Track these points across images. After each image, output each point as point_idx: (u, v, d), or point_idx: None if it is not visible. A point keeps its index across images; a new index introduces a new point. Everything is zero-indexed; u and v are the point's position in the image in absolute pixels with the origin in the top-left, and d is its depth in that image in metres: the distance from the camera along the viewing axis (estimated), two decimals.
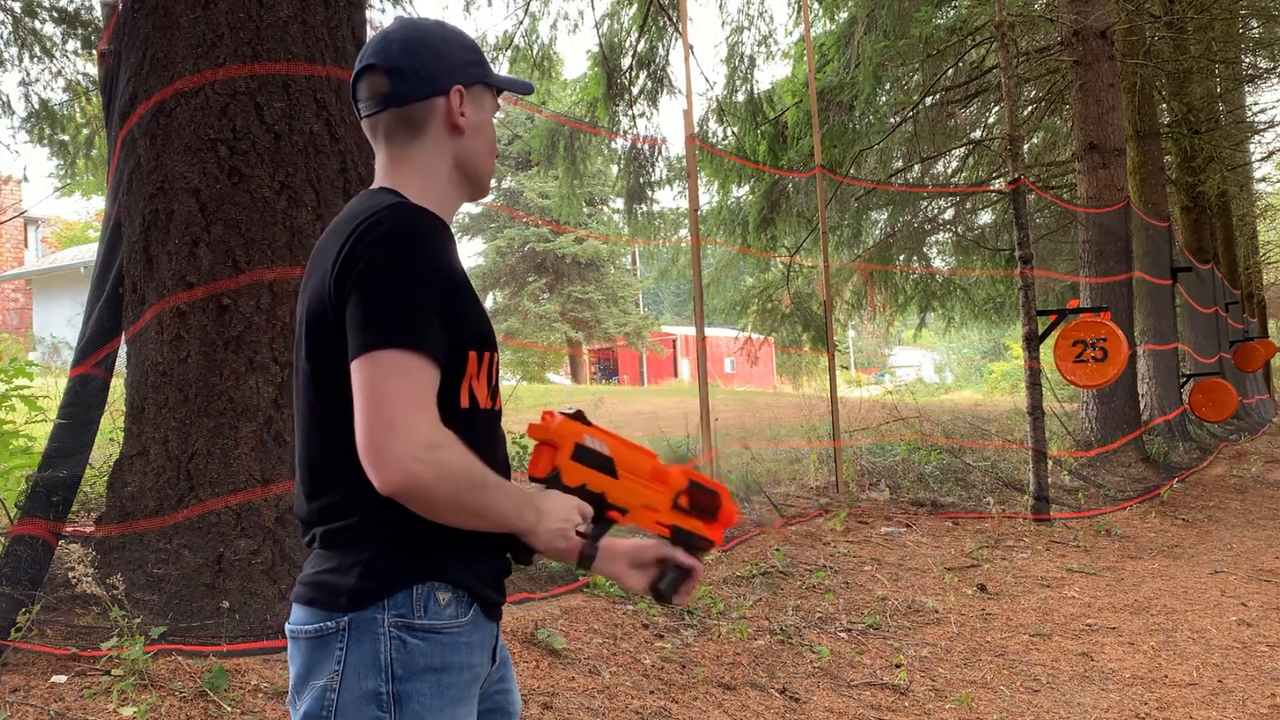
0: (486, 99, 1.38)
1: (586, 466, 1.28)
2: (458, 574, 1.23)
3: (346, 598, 1.19)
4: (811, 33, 9.85)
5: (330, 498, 1.22)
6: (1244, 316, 17.88)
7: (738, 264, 13.91)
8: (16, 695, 2.57)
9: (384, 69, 1.32)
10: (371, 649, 1.18)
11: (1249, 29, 14.24)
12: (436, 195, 1.33)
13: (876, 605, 4.58)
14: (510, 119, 30.07)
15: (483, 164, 1.38)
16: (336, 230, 1.26)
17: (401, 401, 1.12)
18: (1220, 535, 6.58)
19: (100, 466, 4.41)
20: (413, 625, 1.19)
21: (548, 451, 1.26)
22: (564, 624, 3.66)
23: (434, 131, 1.33)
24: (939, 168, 14.00)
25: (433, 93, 1.32)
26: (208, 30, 3.49)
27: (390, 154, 1.34)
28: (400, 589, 1.19)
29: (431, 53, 1.32)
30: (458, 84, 1.33)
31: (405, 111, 1.32)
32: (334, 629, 1.19)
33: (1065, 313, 7.20)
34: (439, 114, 1.33)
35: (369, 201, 1.27)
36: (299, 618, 1.23)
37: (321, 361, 1.22)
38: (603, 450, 1.30)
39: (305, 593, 1.23)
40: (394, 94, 1.31)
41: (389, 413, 1.11)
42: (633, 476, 1.33)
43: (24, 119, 7.98)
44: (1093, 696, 3.55)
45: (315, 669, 1.20)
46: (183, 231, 3.44)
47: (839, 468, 7.19)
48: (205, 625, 3.04)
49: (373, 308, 1.15)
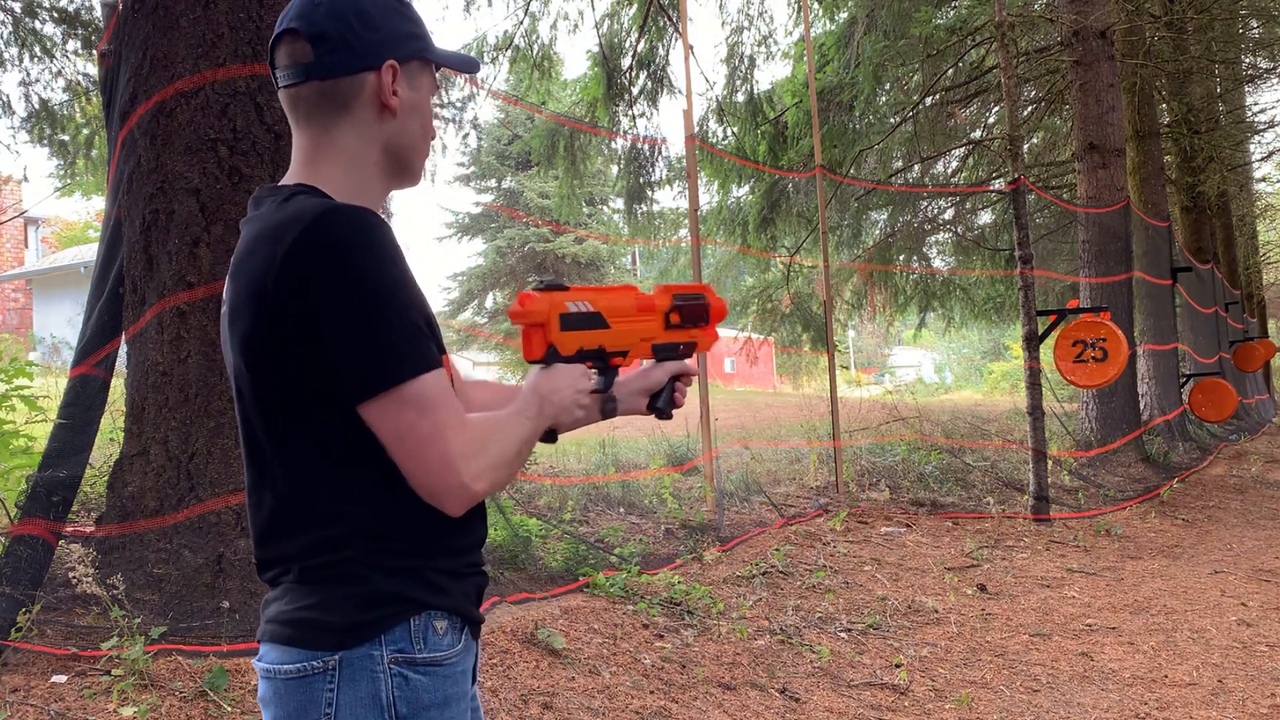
0: (424, 77, 1.24)
1: (578, 330, 1.26)
2: (452, 598, 1.17)
3: (336, 635, 1.10)
4: (811, 33, 9.85)
5: (314, 534, 1.12)
6: (1244, 316, 17.88)
7: (738, 264, 13.92)
8: (16, 695, 2.57)
9: (307, 35, 1.17)
10: (370, 688, 1.10)
11: (1249, 29, 14.24)
12: (363, 186, 1.20)
13: (876, 605, 4.58)
14: (510, 119, 30.08)
15: (416, 149, 1.24)
16: (257, 248, 1.10)
17: (441, 433, 1.06)
18: (1220, 535, 6.58)
19: (100, 466, 4.41)
20: (414, 660, 1.12)
21: (537, 332, 1.23)
22: (564, 624, 3.66)
23: (361, 110, 1.19)
24: (939, 168, 14.00)
25: (363, 66, 1.17)
26: (208, 30, 3.49)
27: (310, 135, 1.20)
28: (398, 623, 1.12)
29: (363, 20, 1.18)
30: (391, 58, 1.18)
31: (329, 86, 1.17)
32: (320, 668, 1.09)
33: (1065, 313, 7.20)
34: (368, 91, 1.18)
35: (292, 210, 1.10)
36: (275, 657, 1.12)
37: (278, 405, 1.10)
38: (588, 308, 1.27)
39: (283, 631, 1.12)
40: (317, 65, 1.17)
41: (439, 450, 1.06)
42: (623, 319, 1.33)
43: (24, 119, 7.99)
44: (1093, 696, 3.55)
45: (299, 713, 1.10)
46: (183, 231, 3.44)
47: (839, 468, 7.19)
48: (205, 625, 3.04)
49: (364, 343, 1.05)
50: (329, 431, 1.10)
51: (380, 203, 1.25)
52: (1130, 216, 9.59)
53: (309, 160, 1.20)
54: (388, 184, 1.25)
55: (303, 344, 1.07)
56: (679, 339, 1.42)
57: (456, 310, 31.68)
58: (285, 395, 1.10)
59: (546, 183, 27.24)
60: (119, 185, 3.62)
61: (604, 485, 6.40)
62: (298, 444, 1.11)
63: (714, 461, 6.04)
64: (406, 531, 1.13)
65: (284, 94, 1.21)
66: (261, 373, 1.10)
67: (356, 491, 1.11)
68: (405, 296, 1.08)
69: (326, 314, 1.05)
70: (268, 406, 1.11)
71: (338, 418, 1.09)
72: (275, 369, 1.09)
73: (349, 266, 1.05)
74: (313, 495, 1.12)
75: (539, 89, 11.03)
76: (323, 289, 1.04)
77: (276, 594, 1.16)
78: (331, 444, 1.10)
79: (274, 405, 1.11)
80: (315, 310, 1.05)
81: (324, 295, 1.04)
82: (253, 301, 1.09)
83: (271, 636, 1.14)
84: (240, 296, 1.11)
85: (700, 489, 6.51)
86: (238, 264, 1.13)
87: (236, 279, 1.12)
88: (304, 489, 1.12)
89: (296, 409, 1.10)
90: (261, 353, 1.09)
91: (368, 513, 1.12)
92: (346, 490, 1.11)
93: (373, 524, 1.11)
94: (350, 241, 1.06)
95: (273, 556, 1.16)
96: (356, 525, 1.11)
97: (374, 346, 1.05)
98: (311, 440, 1.10)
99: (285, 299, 1.05)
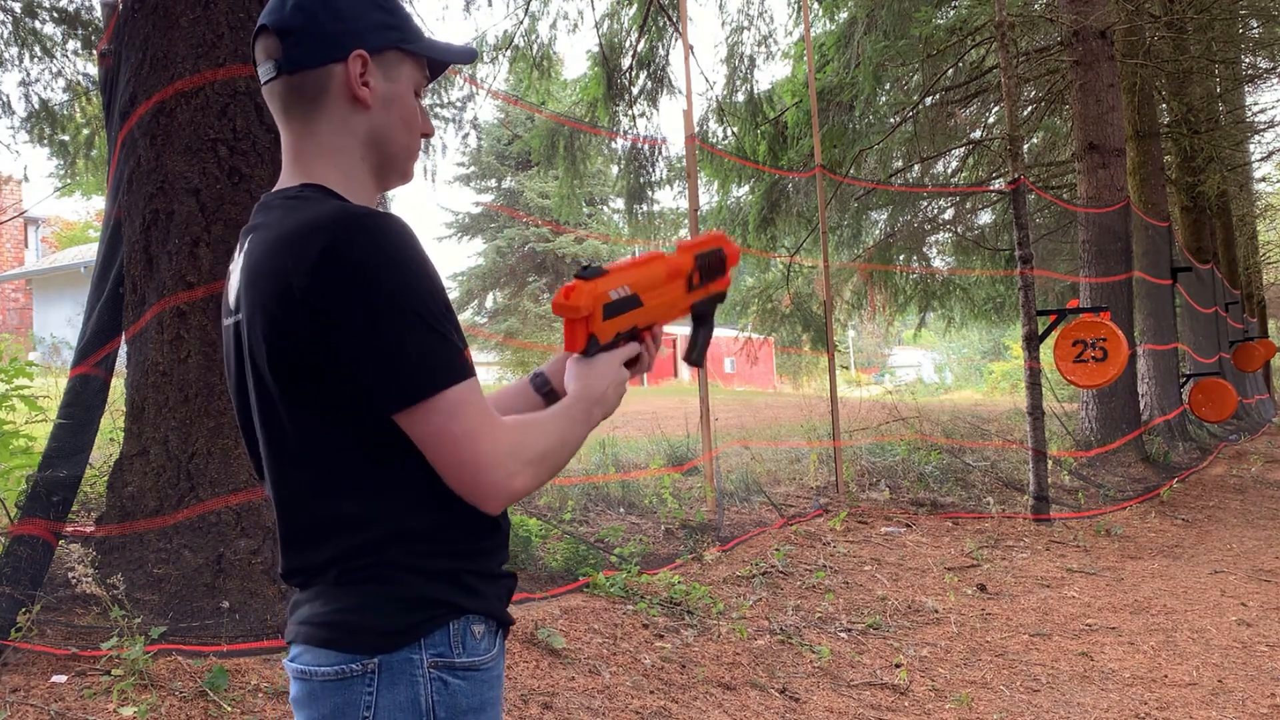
0: (404, 67, 1.20)
1: (618, 317, 1.26)
2: (489, 602, 1.17)
3: (376, 638, 1.09)
4: (811, 33, 9.85)
5: (350, 538, 1.11)
6: (1244, 316, 17.88)
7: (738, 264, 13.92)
8: (16, 695, 2.57)
9: (275, 29, 1.16)
10: (409, 693, 1.09)
11: (1249, 29, 14.24)
12: (354, 181, 1.19)
13: (876, 605, 4.58)
14: (510, 119, 30.08)
15: (397, 142, 1.21)
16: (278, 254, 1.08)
17: (473, 434, 1.06)
18: (1220, 535, 6.58)
19: (100, 466, 4.41)
20: (453, 665, 1.11)
21: (581, 325, 1.22)
22: (564, 624, 3.66)
23: (334, 104, 1.17)
24: (939, 168, 14.00)
25: (329, 58, 1.15)
26: (208, 30, 3.49)
27: (293, 131, 1.19)
28: (437, 626, 1.11)
29: (330, 11, 1.16)
30: (360, 48, 1.16)
31: (298, 79, 1.16)
32: (359, 671, 1.09)
33: (1065, 313, 7.20)
34: (336, 83, 1.16)
35: (310, 214, 1.09)
36: (311, 659, 1.11)
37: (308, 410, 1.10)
38: (627, 292, 1.27)
39: (319, 634, 1.11)
40: (285, 59, 1.15)
41: (469, 452, 1.06)
42: (655, 293, 1.33)
43: (24, 119, 7.98)
44: (1093, 696, 3.55)
45: (337, 715, 1.09)
46: (183, 231, 3.44)
47: (839, 468, 7.19)
48: (205, 625, 3.04)
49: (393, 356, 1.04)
50: (359, 434, 1.09)
51: (374, 199, 1.23)
52: (1130, 216, 9.59)
53: (296, 157, 1.19)
54: (378, 179, 1.23)
55: (330, 351, 1.06)
56: (700, 297, 1.44)
57: (456, 310, 31.47)
58: (315, 400, 1.09)
59: (546, 183, 27.24)
60: (119, 185, 3.62)
61: (604, 485, 6.40)
62: (327, 447, 1.10)
63: (714, 461, 6.04)
64: (439, 531, 1.12)
65: (264, 91, 1.20)
66: (289, 379, 1.09)
67: (389, 493, 1.11)
68: (434, 304, 1.07)
69: (355, 325, 1.04)
70: (297, 412, 1.10)
71: (366, 421, 1.08)
72: (304, 375, 1.08)
73: (379, 277, 1.04)
74: (345, 498, 1.10)
75: (539, 89, 11.02)
76: (350, 300, 1.03)
77: (307, 596, 1.15)
78: (361, 446, 1.10)
79: (304, 410, 1.10)
80: (341, 320, 1.04)
81: (352, 306, 1.04)
82: (278, 309, 1.07)
83: (306, 638, 1.12)
84: (263, 304, 1.09)
85: (700, 489, 6.51)
86: (255, 271, 1.11)
87: (256, 285, 1.10)
88: (336, 492, 1.11)
89: (326, 413, 1.09)
90: (289, 360, 1.08)
91: (401, 513, 1.11)
92: (380, 492, 1.11)
93: (407, 525, 1.11)
94: (378, 249, 1.04)
95: (305, 562, 1.15)
96: (391, 527, 1.10)
97: (403, 360, 1.04)
98: (341, 443, 1.10)
99: (312, 307, 1.04)
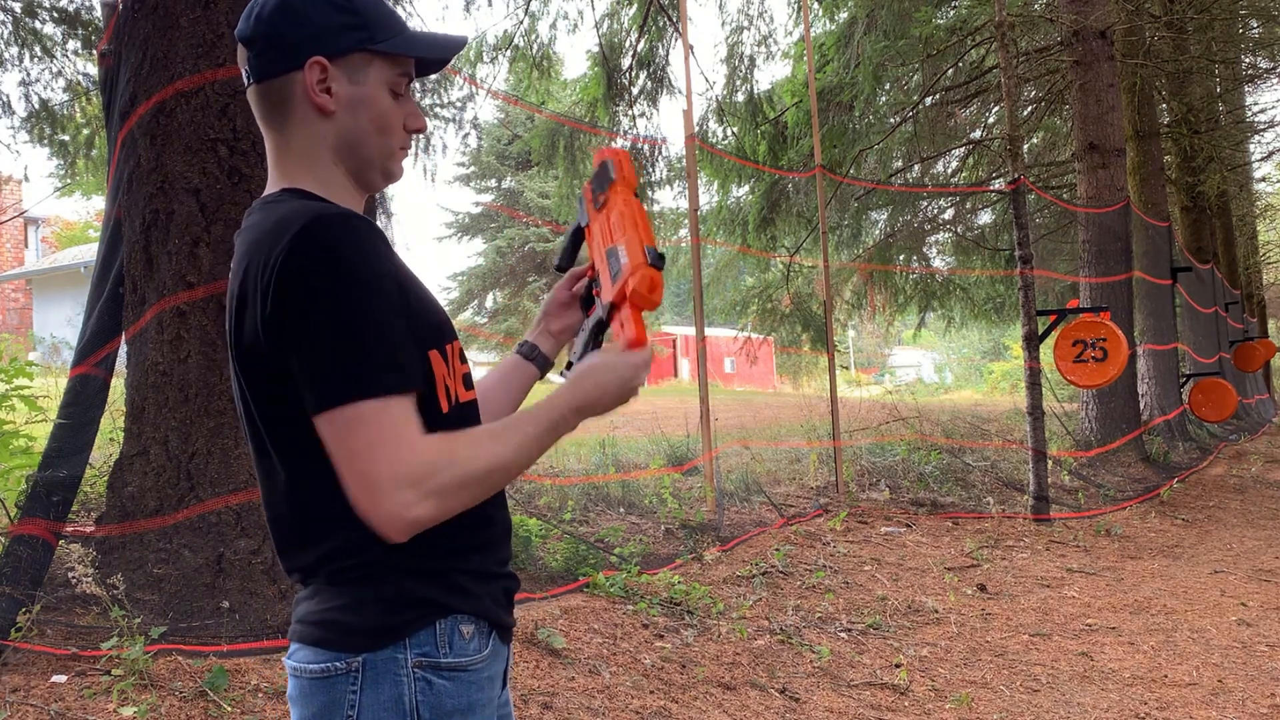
0: (371, 68, 1.17)
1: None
2: (480, 602, 1.16)
3: (361, 637, 1.10)
4: (811, 33, 9.85)
5: (332, 542, 1.11)
6: (1244, 316, 17.89)
7: (738, 264, 13.91)
8: (16, 695, 2.57)
9: (243, 39, 1.16)
10: (392, 692, 1.09)
11: (1249, 29, 14.24)
12: (336, 187, 1.18)
13: (876, 605, 4.58)
14: (510, 119, 30.07)
15: (370, 146, 1.18)
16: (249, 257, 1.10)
17: (370, 453, 1.01)
18: (1220, 535, 6.58)
19: (100, 466, 4.41)
20: (438, 665, 1.11)
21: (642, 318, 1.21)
22: (564, 624, 3.66)
23: (301, 111, 1.16)
24: (939, 168, 14.00)
25: (288, 66, 1.14)
26: (208, 30, 3.49)
27: (271, 138, 1.19)
28: (423, 626, 1.11)
29: (289, 17, 1.13)
30: (317, 55, 1.13)
31: (264, 88, 1.16)
32: (344, 669, 1.09)
33: (1065, 313, 7.20)
34: (298, 90, 1.15)
35: (280, 215, 1.10)
36: (303, 656, 1.13)
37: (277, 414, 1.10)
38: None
39: (311, 633, 1.12)
40: (250, 69, 1.16)
41: (362, 472, 1.01)
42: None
43: (24, 119, 7.98)
44: (1093, 696, 3.55)
45: (323, 713, 1.10)
46: (183, 231, 3.44)
47: (839, 468, 7.19)
48: (205, 625, 3.04)
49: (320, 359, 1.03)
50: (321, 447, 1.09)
51: (358, 203, 1.21)
52: (1130, 216, 9.59)
53: (276, 163, 1.20)
54: (357, 182, 1.21)
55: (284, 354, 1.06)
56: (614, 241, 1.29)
57: (456, 310, 31.66)
58: (281, 404, 1.09)
59: (546, 183, 27.24)
60: (119, 185, 3.62)
61: (604, 485, 6.40)
62: (305, 448, 1.09)
63: (714, 461, 6.04)
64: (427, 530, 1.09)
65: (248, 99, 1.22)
66: (257, 382, 1.10)
67: None
68: (377, 311, 1.04)
69: (296, 329, 1.04)
70: (267, 415, 1.11)
71: None
72: (267, 379, 1.09)
73: (322, 281, 1.03)
74: (330, 500, 1.09)
75: (539, 89, 11.03)
76: (295, 304, 1.04)
77: (307, 593, 1.16)
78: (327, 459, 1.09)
79: (273, 414, 1.11)
80: (285, 322, 1.04)
81: (296, 310, 1.04)
82: (244, 312, 1.09)
83: (300, 636, 1.14)
84: (235, 307, 1.11)
85: (700, 489, 6.51)
86: (234, 274, 1.13)
87: (231, 289, 1.12)
88: (320, 494, 1.10)
89: (299, 415, 1.08)
90: (254, 362, 1.09)
91: None
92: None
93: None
94: (324, 252, 1.04)
95: (296, 562, 1.15)
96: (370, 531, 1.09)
97: (324, 366, 1.03)
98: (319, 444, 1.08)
99: (269, 309, 1.05)
